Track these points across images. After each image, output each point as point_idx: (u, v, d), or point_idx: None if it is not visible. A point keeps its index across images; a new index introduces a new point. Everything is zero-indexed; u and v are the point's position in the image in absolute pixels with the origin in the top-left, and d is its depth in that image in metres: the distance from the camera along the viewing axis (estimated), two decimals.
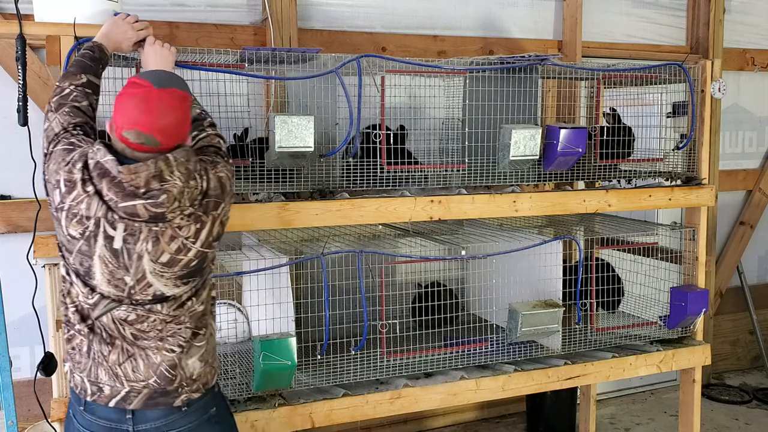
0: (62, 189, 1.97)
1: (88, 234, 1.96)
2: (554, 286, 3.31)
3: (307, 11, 4.03)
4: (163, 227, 1.98)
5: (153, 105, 1.94)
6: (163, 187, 1.93)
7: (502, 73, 3.17)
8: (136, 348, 2.06)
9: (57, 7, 2.55)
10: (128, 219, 1.95)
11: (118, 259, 1.97)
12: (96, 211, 1.95)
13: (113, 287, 2.00)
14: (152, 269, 1.99)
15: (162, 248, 1.98)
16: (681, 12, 5.20)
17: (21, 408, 3.11)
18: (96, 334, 2.06)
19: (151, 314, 2.04)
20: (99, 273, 1.99)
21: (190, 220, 2.01)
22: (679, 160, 3.58)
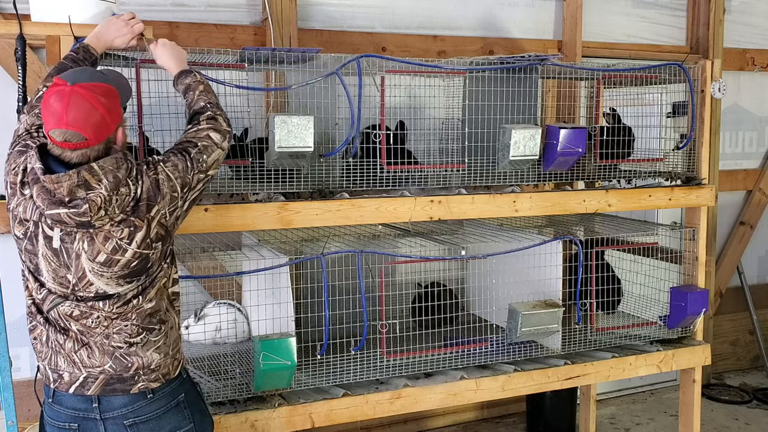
0: (9, 191, 2.06)
1: (29, 234, 2.04)
2: (554, 286, 3.31)
3: (307, 11, 4.03)
4: (96, 232, 2.01)
5: (66, 101, 1.96)
6: (88, 196, 1.95)
7: (502, 73, 3.17)
8: (88, 339, 2.11)
9: (53, 7, 2.55)
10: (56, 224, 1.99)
11: (59, 258, 2.03)
12: (32, 215, 2.02)
13: (58, 284, 2.06)
14: (90, 268, 2.03)
15: (98, 248, 2.02)
16: (681, 12, 5.20)
17: (21, 408, 3.10)
18: (51, 325, 2.12)
19: (94, 311, 2.07)
20: (44, 270, 2.06)
21: (122, 225, 2.03)
22: (679, 160, 3.58)
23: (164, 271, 2.18)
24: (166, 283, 2.20)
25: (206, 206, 2.69)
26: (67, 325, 2.10)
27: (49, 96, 1.99)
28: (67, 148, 1.98)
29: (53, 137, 1.97)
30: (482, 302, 3.42)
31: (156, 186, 2.08)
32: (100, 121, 2.00)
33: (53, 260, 2.04)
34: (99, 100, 2.00)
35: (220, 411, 2.74)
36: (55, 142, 1.98)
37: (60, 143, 1.97)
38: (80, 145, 1.98)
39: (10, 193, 2.06)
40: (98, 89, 2.01)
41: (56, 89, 1.99)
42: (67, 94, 1.97)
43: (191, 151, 2.21)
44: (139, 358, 2.13)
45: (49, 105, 1.97)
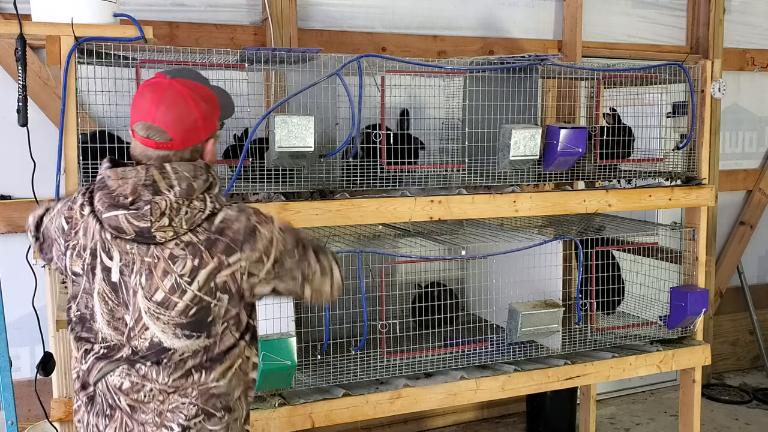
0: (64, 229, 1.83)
1: (87, 268, 1.79)
2: (554, 286, 3.31)
3: (307, 11, 4.03)
4: (155, 257, 1.74)
5: (161, 94, 1.77)
6: (153, 199, 1.72)
7: (502, 73, 3.17)
8: (135, 423, 1.81)
9: (54, 7, 2.55)
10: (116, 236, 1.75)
11: (117, 294, 1.77)
12: (93, 235, 1.77)
13: (113, 329, 1.80)
14: (147, 308, 1.76)
15: (155, 284, 1.75)
16: (681, 12, 5.20)
17: (21, 408, 3.11)
18: (93, 405, 1.85)
19: (147, 382, 1.79)
20: (99, 314, 1.80)
21: (187, 251, 1.75)
22: (679, 160, 3.58)
23: (240, 347, 1.86)
24: (243, 366, 1.89)
25: None
26: (116, 401, 1.80)
27: (143, 87, 1.80)
28: (147, 146, 1.77)
29: (136, 131, 1.78)
30: (482, 302, 3.41)
31: (251, 233, 1.81)
32: (192, 125, 1.79)
33: (111, 298, 1.78)
34: (197, 102, 1.79)
35: None
36: (137, 137, 1.78)
37: (141, 139, 1.77)
38: (163, 145, 1.77)
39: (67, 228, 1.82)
40: (199, 91, 1.82)
41: (153, 81, 1.80)
42: (163, 87, 1.78)
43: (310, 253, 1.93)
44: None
45: (141, 96, 1.79)
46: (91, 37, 2.53)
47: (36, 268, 2.94)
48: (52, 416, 2.97)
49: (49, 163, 2.64)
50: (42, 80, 3.49)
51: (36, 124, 2.94)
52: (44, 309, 3.18)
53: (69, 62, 2.51)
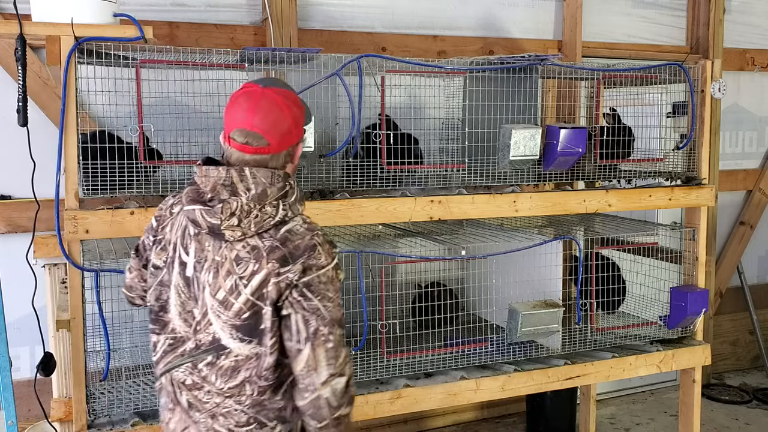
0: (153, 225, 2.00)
1: (168, 261, 1.92)
2: (554, 286, 3.31)
3: (307, 11, 4.03)
4: (224, 257, 1.83)
5: (256, 102, 1.86)
6: (227, 199, 1.82)
7: (502, 73, 3.17)
8: (191, 421, 1.91)
9: (54, 7, 2.55)
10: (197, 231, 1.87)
11: (190, 288, 1.88)
12: (175, 234, 1.91)
13: (183, 321, 1.90)
14: (211, 305, 1.85)
15: (219, 284, 1.84)
16: (681, 12, 5.20)
17: (21, 408, 3.11)
18: (162, 396, 1.97)
19: (206, 384, 1.87)
20: (173, 305, 1.90)
21: (251, 255, 1.83)
22: (679, 160, 3.58)
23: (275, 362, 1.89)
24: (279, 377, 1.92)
25: None
26: (178, 396, 1.91)
27: (237, 96, 1.88)
28: (245, 152, 1.85)
29: (234, 139, 1.85)
30: (482, 302, 3.41)
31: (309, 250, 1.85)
32: (287, 130, 1.88)
33: (184, 291, 1.89)
34: (290, 108, 1.89)
35: None
36: (235, 144, 1.85)
37: (239, 146, 1.85)
38: (261, 150, 1.85)
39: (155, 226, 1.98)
40: (290, 97, 1.91)
41: (246, 90, 1.88)
42: (257, 95, 1.86)
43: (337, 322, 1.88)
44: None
45: (236, 104, 1.86)
46: (91, 37, 2.53)
47: (36, 268, 2.94)
48: (52, 416, 2.97)
49: (49, 163, 2.64)
50: (42, 80, 3.49)
51: (36, 124, 2.94)
52: (44, 309, 3.18)
53: (69, 62, 2.51)
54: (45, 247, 3.24)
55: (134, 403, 2.69)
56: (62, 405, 2.98)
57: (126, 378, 2.86)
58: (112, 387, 2.79)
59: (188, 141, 2.88)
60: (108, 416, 2.68)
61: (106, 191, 2.64)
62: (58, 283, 3.19)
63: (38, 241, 3.17)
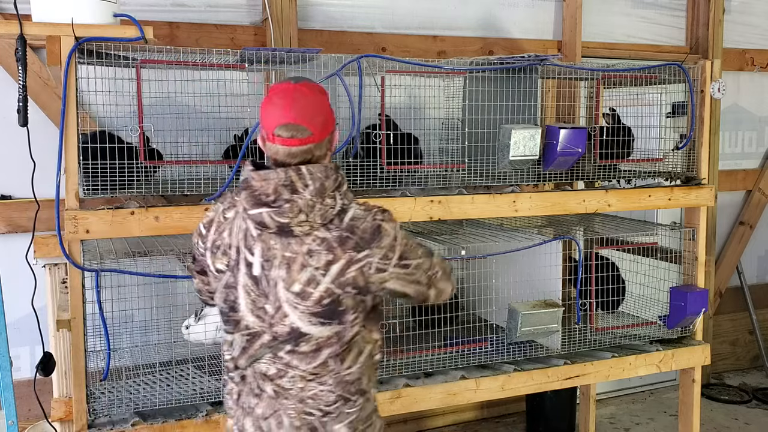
0: (202, 233, 2.05)
1: (231, 265, 1.98)
2: (554, 286, 3.31)
3: (307, 11, 4.03)
4: (294, 252, 1.92)
5: (292, 96, 1.94)
6: (291, 197, 1.89)
7: (502, 74, 3.18)
8: (280, 405, 1.99)
9: (54, 8, 2.55)
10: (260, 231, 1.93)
11: (259, 286, 1.95)
12: (236, 237, 1.97)
13: (256, 317, 1.96)
14: (287, 298, 1.93)
15: (293, 277, 1.92)
16: (681, 12, 5.20)
17: (21, 408, 3.11)
18: (246, 384, 2.03)
19: (290, 369, 1.96)
20: (243, 304, 1.97)
21: (322, 247, 1.92)
22: (678, 160, 3.59)
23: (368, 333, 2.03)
24: (372, 350, 2.06)
25: (206, 206, 2.69)
26: (263, 386, 1.99)
27: (271, 96, 1.96)
28: (292, 145, 1.92)
29: (279, 135, 1.92)
30: (482, 302, 3.42)
31: (376, 231, 1.95)
32: (325, 118, 1.97)
33: (253, 290, 1.96)
34: (323, 97, 1.98)
35: (221, 410, 2.75)
36: (281, 140, 1.92)
37: (285, 140, 1.92)
38: (306, 141, 1.93)
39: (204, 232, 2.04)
40: (319, 88, 2.00)
41: (278, 88, 1.96)
42: (291, 90, 1.95)
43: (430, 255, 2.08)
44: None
45: (272, 103, 1.94)
46: (92, 37, 2.53)
47: (36, 268, 2.94)
48: (53, 416, 2.97)
49: (49, 163, 2.64)
50: (42, 80, 3.50)
51: (36, 124, 2.94)
52: (44, 309, 3.19)
53: (69, 62, 2.51)
54: (45, 247, 3.24)
55: (134, 402, 2.70)
56: (62, 405, 2.98)
57: (126, 378, 2.87)
58: (112, 387, 2.79)
59: (188, 141, 2.88)
60: (108, 416, 2.68)
61: (107, 191, 2.64)
62: (58, 283, 3.19)
63: (38, 241, 3.18)
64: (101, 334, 2.66)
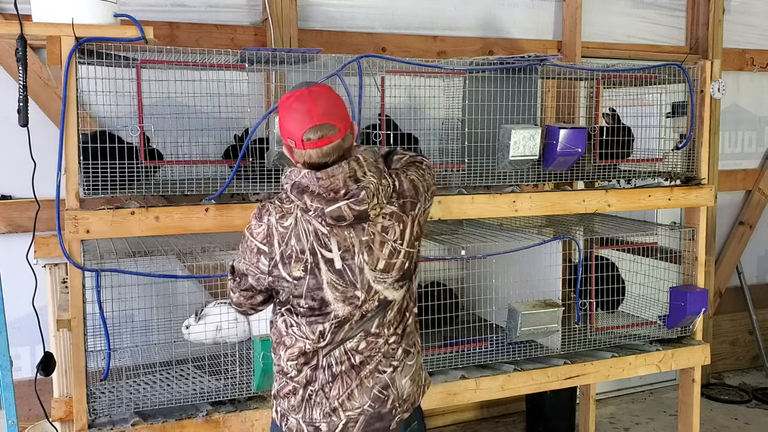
0: (264, 250, 2.08)
1: (310, 267, 2.05)
2: (554, 286, 3.31)
3: (307, 11, 4.03)
4: (371, 234, 2.06)
5: (310, 99, 2.03)
6: (360, 185, 2.02)
7: (502, 74, 3.18)
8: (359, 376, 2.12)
9: (54, 8, 2.55)
10: (335, 225, 2.04)
11: (344, 278, 2.06)
12: (307, 240, 2.05)
13: (348, 305, 2.08)
14: (374, 278, 2.08)
15: (376, 256, 2.08)
16: (680, 12, 5.20)
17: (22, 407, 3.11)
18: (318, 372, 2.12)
19: (378, 338, 2.13)
20: (332, 299, 2.07)
21: (392, 220, 2.10)
22: (678, 160, 3.59)
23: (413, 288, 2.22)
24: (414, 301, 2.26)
25: (206, 206, 2.69)
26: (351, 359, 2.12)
27: (288, 105, 2.05)
28: (323, 145, 2.02)
29: (309, 139, 2.01)
30: (482, 302, 3.42)
31: (413, 185, 2.16)
32: (343, 111, 2.08)
33: (339, 284, 2.07)
34: (335, 94, 2.09)
35: (221, 410, 2.75)
36: (312, 144, 2.02)
37: (317, 142, 2.01)
38: (335, 137, 2.03)
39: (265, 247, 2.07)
40: (329, 87, 2.11)
41: (293, 96, 2.05)
42: (306, 94, 2.05)
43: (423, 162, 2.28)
44: (395, 389, 2.15)
45: (293, 111, 2.03)
46: (92, 37, 2.53)
47: (36, 267, 2.95)
48: (53, 416, 2.97)
49: (49, 163, 2.64)
50: (43, 80, 3.50)
51: (36, 124, 2.94)
52: (44, 309, 3.19)
53: (69, 62, 2.51)
54: (45, 247, 3.24)
55: (135, 402, 2.70)
56: (63, 404, 2.98)
57: (126, 378, 2.87)
58: (112, 387, 2.80)
59: (188, 141, 2.88)
60: (108, 416, 2.68)
61: (107, 191, 2.64)
62: (58, 283, 3.19)
63: (39, 240, 3.18)
64: (101, 334, 2.66)
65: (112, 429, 2.61)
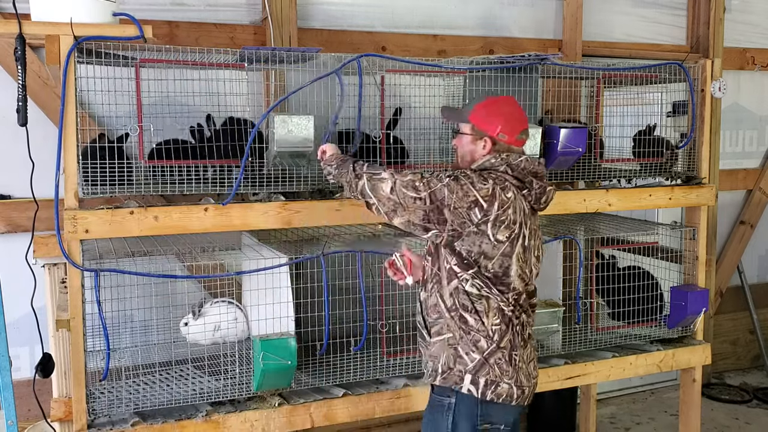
0: (482, 205, 2.31)
1: (513, 237, 2.34)
2: (555, 286, 3.30)
3: (306, 10, 4.02)
4: (536, 225, 2.47)
5: (517, 105, 2.49)
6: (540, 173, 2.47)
7: (503, 73, 3.17)
8: (530, 345, 2.47)
9: (53, 7, 2.54)
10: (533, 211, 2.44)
11: (526, 254, 2.39)
12: (520, 215, 2.36)
13: (521, 280, 2.39)
14: (534, 263, 2.45)
15: (538, 244, 2.47)
16: (681, 11, 5.19)
17: (21, 408, 3.10)
18: (515, 342, 2.40)
19: (533, 315, 2.51)
20: (514, 270, 2.37)
21: (538, 216, 2.53)
22: (679, 160, 3.58)
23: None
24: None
25: (205, 206, 2.68)
26: (525, 333, 2.44)
27: (499, 107, 2.46)
28: (522, 144, 2.47)
29: (521, 138, 2.45)
30: None
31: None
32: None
33: (522, 258, 2.38)
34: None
35: (220, 410, 2.74)
36: (522, 142, 2.45)
37: (523, 141, 2.46)
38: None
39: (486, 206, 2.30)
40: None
41: (501, 99, 2.52)
42: (512, 100, 2.55)
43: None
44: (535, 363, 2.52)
45: (507, 113, 2.44)
46: (91, 36, 2.53)
47: (35, 267, 2.94)
48: (52, 416, 2.96)
49: (49, 162, 2.64)
50: (42, 80, 3.49)
51: (35, 123, 2.94)
52: (44, 309, 3.18)
53: (68, 62, 2.51)
54: (45, 246, 3.23)
55: (134, 402, 2.69)
56: (62, 405, 2.98)
57: (126, 378, 2.86)
58: (111, 387, 2.79)
59: None
60: (108, 416, 2.68)
61: (106, 191, 2.63)
62: (57, 283, 3.19)
63: (38, 240, 3.17)
64: (101, 334, 2.66)
65: (112, 429, 2.61)
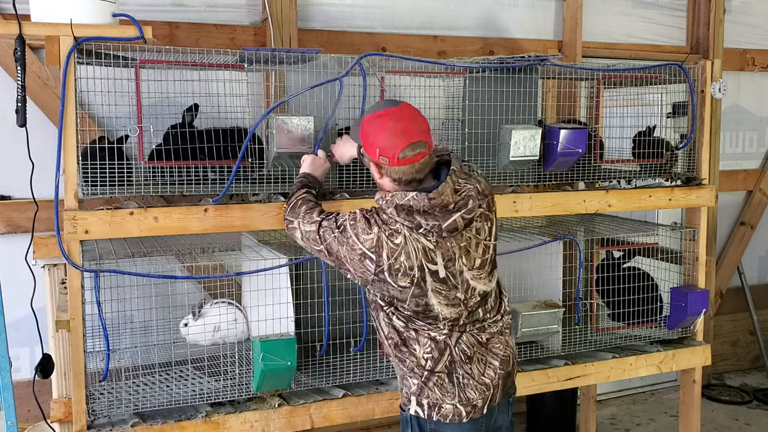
0: (371, 257, 2.19)
1: (416, 281, 2.19)
2: (554, 287, 3.30)
3: (307, 11, 4.02)
4: (468, 239, 2.23)
5: (403, 117, 2.18)
6: (462, 195, 2.20)
7: (502, 74, 3.17)
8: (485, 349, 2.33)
9: (53, 8, 2.54)
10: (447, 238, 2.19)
11: (447, 284, 2.22)
12: (413, 255, 2.17)
13: (451, 307, 2.24)
14: (471, 276, 2.26)
15: (473, 256, 2.25)
16: (681, 12, 5.19)
17: (21, 408, 3.10)
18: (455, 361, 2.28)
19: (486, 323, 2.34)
20: (435, 304, 2.23)
21: (482, 220, 2.26)
22: (679, 161, 3.57)
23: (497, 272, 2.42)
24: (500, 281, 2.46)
25: (205, 207, 2.68)
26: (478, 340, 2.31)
27: (383, 124, 2.17)
28: (418, 160, 2.16)
29: (406, 156, 2.14)
30: None
31: (486, 182, 2.34)
32: (428, 126, 2.22)
33: (443, 289, 2.22)
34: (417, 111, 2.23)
35: (220, 411, 2.74)
36: (408, 160, 2.15)
37: (412, 158, 2.15)
38: (426, 152, 2.18)
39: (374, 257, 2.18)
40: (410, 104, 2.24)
41: (386, 114, 2.19)
42: (396, 112, 2.19)
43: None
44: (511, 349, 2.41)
45: (389, 130, 2.16)
46: (91, 37, 2.53)
47: (35, 268, 2.94)
48: (52, 417, 2.96)
49: (49, 163, 2.64)
50: (41, 80, 3.49)
51: (35, 124, 2.94)
52: (43, 310, 3.18)
53: (68, 62, 2.50)
54: (44, 247, 3.23)
55: (134, 403, 2.69)
56: (62, 405, 2.97)
57: (126, 378, 2.86)
58: (111, 387, 2.79)
59: None
60: (108, 417, 2.67)
61: (106, 192, 2.63)
62: (57, 284, 3.19)
63: (38, 241, 3.17)
64: (100, 335, 2.66)
65: (111, 430, 2.61)
